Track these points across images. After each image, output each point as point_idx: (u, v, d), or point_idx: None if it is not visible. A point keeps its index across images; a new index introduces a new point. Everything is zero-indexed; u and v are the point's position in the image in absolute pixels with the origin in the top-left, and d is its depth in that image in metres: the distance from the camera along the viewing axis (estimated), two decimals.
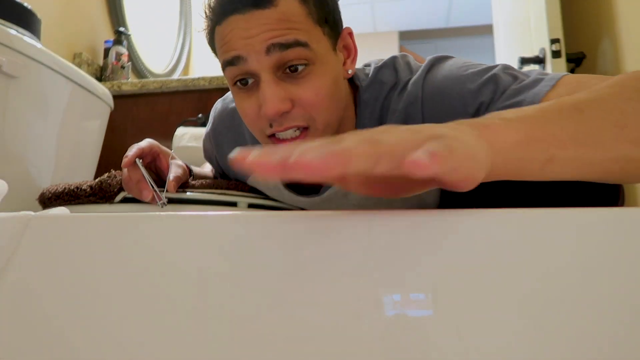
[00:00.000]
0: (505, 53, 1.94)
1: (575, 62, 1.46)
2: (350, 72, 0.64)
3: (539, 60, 1.43)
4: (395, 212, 0.37)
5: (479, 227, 0.34)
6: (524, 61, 1.47)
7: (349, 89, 0.66)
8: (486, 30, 4.33)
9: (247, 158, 0.28)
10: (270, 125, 0.58)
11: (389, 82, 0.65)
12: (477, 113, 0.57)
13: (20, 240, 0.39)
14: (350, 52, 0.64)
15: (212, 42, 0.62)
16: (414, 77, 0.62)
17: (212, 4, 0.59)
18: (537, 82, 0.55)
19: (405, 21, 4.61)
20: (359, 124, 0.66)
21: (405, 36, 4.84)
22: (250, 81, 0.58)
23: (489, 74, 0.58)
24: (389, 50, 4.58)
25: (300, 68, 0.56)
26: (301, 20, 0.56)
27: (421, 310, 0.32)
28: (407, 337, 0.31)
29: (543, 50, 1.42)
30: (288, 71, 0.56)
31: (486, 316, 0.31)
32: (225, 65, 0.58)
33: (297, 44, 0.55)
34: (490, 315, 0.31)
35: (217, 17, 0.58)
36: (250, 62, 0.56)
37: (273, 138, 0.60)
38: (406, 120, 0.62)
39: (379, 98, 0.66)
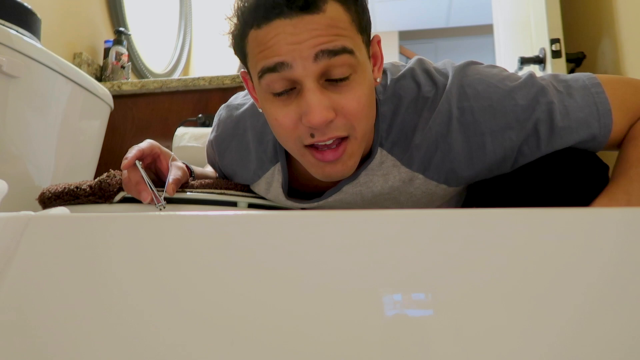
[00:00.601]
0: (505, 53, 1.94)
1: (575, 62, 1.46)
2: (378, 80, 0.62)
3: (539, 60, 1.43)
4: (395, 212, 0.37)
5: (479, 227, 0.34)
6: (524, 61, 1.47)
7: None
8: (486, 30, 4.33)
9: None
10: (312, 135, 0.56)
11: (409, 96, 0.64)
12: (535, 128, 0.61)
13: (20, 240, 0.39)
14: (377, 60, 0.63)
15: (242, 46, 0.58)
16: (445, 94, 0.62)
17: (247, 5, 0.55)
18: (589, 105, 0.61)
19: (405, 21, 4.61)
20: (377, 137, 0.65)
21: (405, 36, 4.84)
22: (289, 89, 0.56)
23: (536, 88, 0.61)
24: (389, 50, 4.58)
25: (345, 76, 0.54)
26: (346, 27, 0.54)
27: (421, 310, 0.32)
28: (407, 337, 0.31)
29: (543, 50, 1.42)
30: (331, 78, 0.54)
31: (486, 316, 0.31)
32: (265, 71, 0.55)
33: (345, 50, 0.53)
34: (490, 315, 0.31)
35: (255, 20, 0.54)
36: (295, 69, 0.53)
37: (311, 148, 0.58)
38: (442, 137, 0.62)
39: (397, 112, 0.65)
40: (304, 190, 0.75)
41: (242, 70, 0.64)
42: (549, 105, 0.60)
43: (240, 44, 0.59)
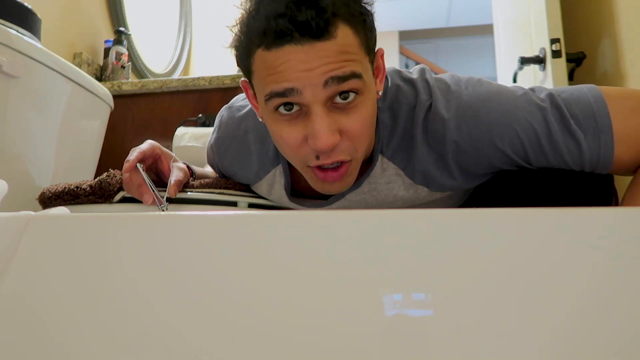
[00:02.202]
0: (506, 53, 1.95)
1: (575, 62, 1.46)
2: (379, 93, 0.62)
3: (539, 60, 1.44)
4: (395, 212, 0.37)
5: (479, 227, 0.34)
6: (524, 61, 1.47)
7: None
8: (486, 30, 4.33)
9: None
10: (317, 158, 0.57)
11: (408, 105, 0.65)
12: (527, 153, 0.59)
13: (20, 240, 0.39)
14: (379, 72, 0.62)
15: (247, 63, 0.57)
16: (444, 110, 0.62)
17: (255, 24, 0.54)
18: (596, 138, 0.57)
19: (405, 21, 4.61)
20: (378, 144, 0.65)
21: (405, 36, 4.83)
22: (295, 108, 0.55)
23: (539, 123, 0.58)
24: (389, 50, 4.58)
25: (351, 97, 0.54)
26: (355, 51, 0.54)
27: (421, 310, 0.32)
28: (407, 337, 0.31)
29: (543, 50, 1.42)
30: (337, 101, 0.55)
31: (486, 315, 0.31)
32: (273, 96, 0.54)
33: (353, 75, 0.53)
34: (490, 315, 0.31)
35: (263, 42, 0.53)
36: (304, 95, 0.53)
37: (315, 168, 0.59)
38: (440, 157, 0.63)
39: (397, 121, 0.65)
40: (307, 193, 0.75)
41: (243, 79, 0.64)
42: (548, 135, 0.58)
43: (245, 60, 0.58)
